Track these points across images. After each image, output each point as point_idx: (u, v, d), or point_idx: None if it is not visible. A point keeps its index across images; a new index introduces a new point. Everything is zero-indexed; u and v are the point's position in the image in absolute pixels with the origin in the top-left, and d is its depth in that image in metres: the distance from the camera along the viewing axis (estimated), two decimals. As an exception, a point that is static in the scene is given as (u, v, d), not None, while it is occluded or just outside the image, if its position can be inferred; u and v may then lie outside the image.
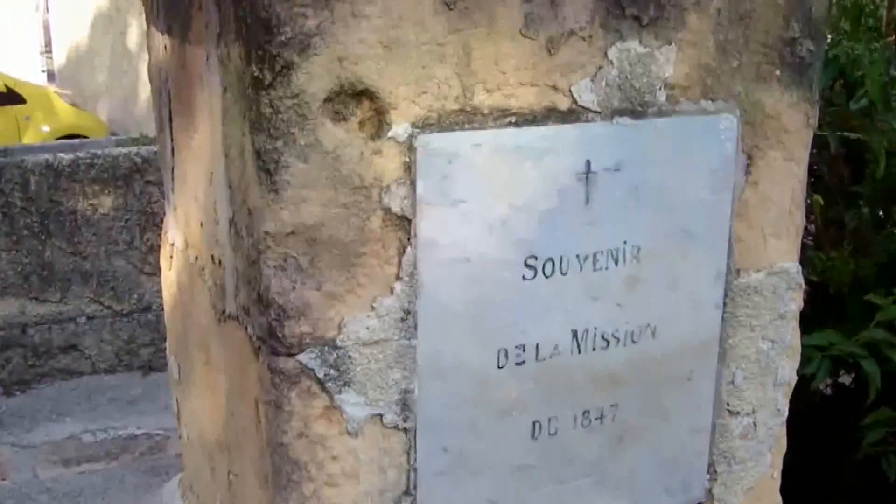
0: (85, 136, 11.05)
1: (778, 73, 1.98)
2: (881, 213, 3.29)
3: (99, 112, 14.14)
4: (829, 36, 3.55)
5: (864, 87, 3.17)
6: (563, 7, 1.73)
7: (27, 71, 17.44)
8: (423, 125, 1.69)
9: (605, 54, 1.79)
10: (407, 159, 1.69)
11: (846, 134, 3.03)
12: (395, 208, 1.71)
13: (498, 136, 1.74)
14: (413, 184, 1.71)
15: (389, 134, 1.67)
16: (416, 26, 1.64)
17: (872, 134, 2.92)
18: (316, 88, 1.61)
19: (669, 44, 1.85)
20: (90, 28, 14.94)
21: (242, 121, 1.69)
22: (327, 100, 1.62)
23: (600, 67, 1.79)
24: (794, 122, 2.03)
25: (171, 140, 2.30)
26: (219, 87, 1.80)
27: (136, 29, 12.91)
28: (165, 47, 2.23)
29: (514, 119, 1.75)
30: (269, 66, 1.58)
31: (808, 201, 3.32)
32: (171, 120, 2.28)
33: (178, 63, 2.11)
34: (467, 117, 1.72)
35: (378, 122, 1.67)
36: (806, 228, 3.34)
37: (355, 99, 1.65)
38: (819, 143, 3.08)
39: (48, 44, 17.52)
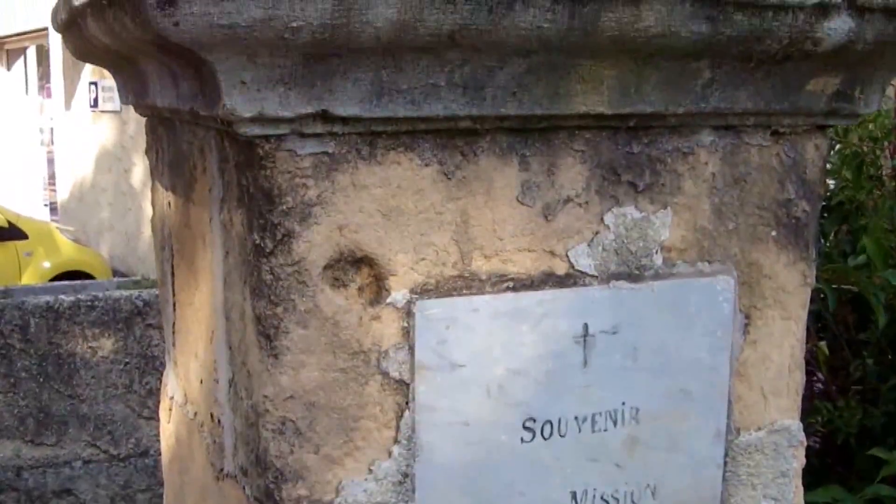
0: (86, 273, 11.12)
1: (774, 233, 2.01)
2: (891, 356, 3.30)
3: (101, 249, 14.24)
4: (832, 182, 3.62)
5: (867, 234, 3.21)
6: (560, 175, 1.77)
7: (30, 204, 17.61)
8: (422, 291, 1.71)
9: (602, 219, 1.82)
10: (405, 325, 1.71)
11: (846, 287, 3.05)
12: (394, 373, 1.72)
13: (496, 301, 1.75)
14: (411, 349, 1.72)
15: (388, 300, 1.69)
16: (415, 195, 1.67)
17: (871, 290, 2.94)
18: (316, 256, 1.63)
19: (665, 208, 1.87)
20: (94, 164, 15.14)
21: (243, 285, 1.71)
22: (327, 267, 1.65)
23: (597, 233, 1.82)
24: (792, 281, 2.05)
25: (173, 295, 2.32)
26: (221, 251, 1.82)
27: (140, 167, 13.07)
28: (169, 204, 2.27)
29: (511, 284, 1.77)
30: (271, 234, 1.61)
31: (814, 348, 3.33)
32: (173, 275, 2.30)
33: (181, 221, 2.14)
34: (465, 283, 1.74)
35: (377, 289, 1.69)
36: (814, 375, 3.35)
37: (355, 266, 1.67)
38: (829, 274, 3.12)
39: (52, 177, 17.72)
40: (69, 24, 1.91)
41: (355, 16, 1.43)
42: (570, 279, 1.81)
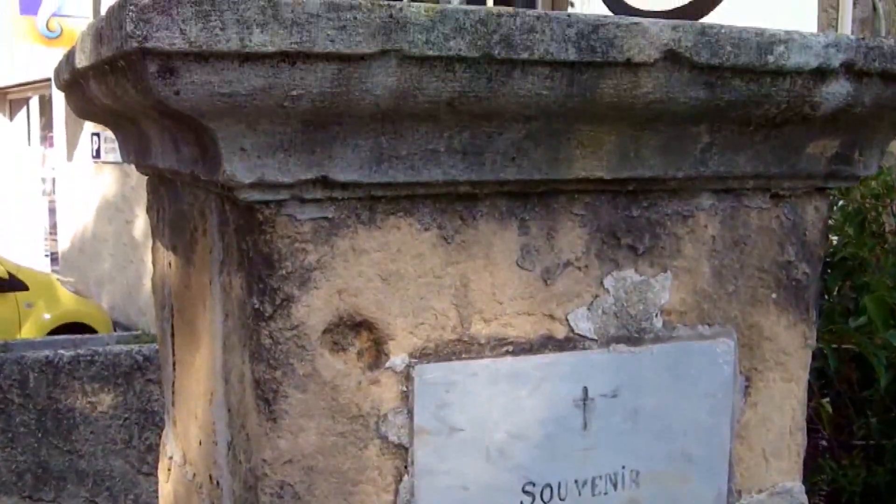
0: (87, 325, 11.10)
1: (774, 296, 2.01)
2: (894, 415, 3.29)
3: (102, 300, 14.22)
4: (835, 239, 3.62)
5: (870, 292, 3.21)
6: (559, 238, 1.77)
7: (31, 253, 17.61)
8: (421, 355, 1.70)
9: (602, 283, 1.82)
10: (404, 389, 1.70)
11: (847, 347, 3.05)
12: (393, 437, 1.71)
13: (495, 365, 1.75)
14: (410, 413, 1.71)
15: (387, 364, 1.69)
16: (414, 259, 1.68)
17: (872, 351, 2.94)
18: (315, 320, 1.63)
19: (665, 271, 1.88)
20: (96, 215, 15.15)
21: (242, 349, 1.70)
22: (326, 331, 1.64)
23: (596, 296, 1.82)
24: (793, 343, 2.05)
25: (173, 355, 2.31)
26: (220, 313, 1.82)
27: (141, 219, 13.09)
28: (170, 264, 2.27)
29: (511, 348, 1.76)
30: (270, 298, 1.61)
31: (818, 406, 3.32)
32: (173, 335, 2.30)
33: (182, 281, 2.14)
34: (465, 347, 1.73)
35: (376, 353, 1.69)
36: (818, 433, 3.33)
37: (354, 330, 1.67)
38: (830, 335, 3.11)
39: (53, 227, 17.74)
40: (71, 83, 1.92)
41: (355, 84, 1.44)
42: (570, 343, 1.81)
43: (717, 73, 1.66)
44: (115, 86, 1.59)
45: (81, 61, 1.70)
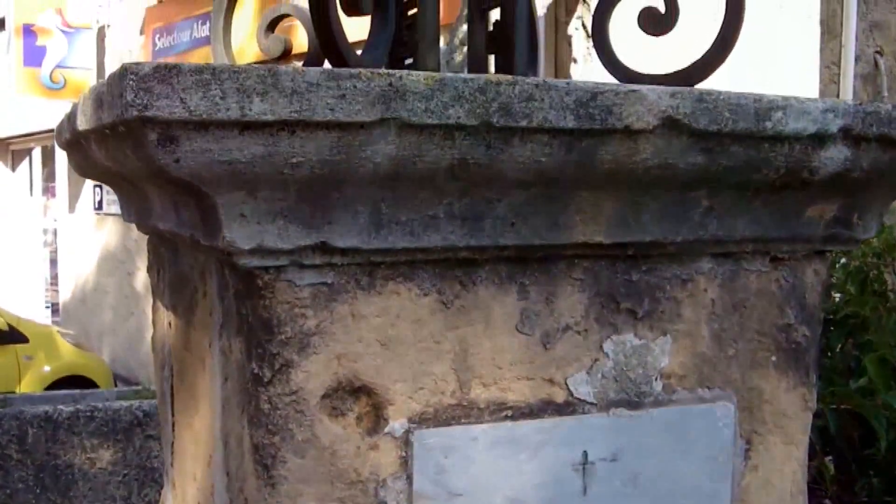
0: (87, 377, 11.06)
1: (774, 359, 2.00)
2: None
3: (103, 352, 14.20)
4: (838, 296, 3.62)
5: (872, 350, 3.21)
6: (559, 303, 1.77)
7: (31, 303, 17.60)
8: (420, 420, 1.70)
9: (601, 347, 1.82)
10: (403, 454, 1.69)
11: (848, 407, 3.04)
12: (392, 502, 1.70)
13: (494, 430, 1.74)
14: (409, 478, 1.70)
15: (386, 429, 1.68)
16: (413, 324, 1.67)
17: (873, 413, 2.93)
18: (314, 386, 1.63)
19: (664, 335, 1.87)
20: (97, 266, 15.17)
21: (241, 413, 1.70)
22: (325, 396, 1.64)
23: (596, 360, 1.82)
24: (793, 406, 2.04)
25: (172, 416, 2.30)
26: (220, 376, 1.82)
27: (143, 272, 13.09)
28: (170, 324, 2.26)
29: (510, 413, 1.76)
30: (269, 363, 1.61)
31: (820, 466, 3.30)
32: (172, 395, 2.29)
33: (182, 343, 2.14)
34: (464, 411, 1.73)
35: (375, 418, 1.68)
36: (821, 493, 3.31)
37: (353, 395, 1.66)
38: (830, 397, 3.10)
39: (55, 278, 17.75)
40: (72, 143, 1.93)
41: (354, 152, 1.45)
42: (569, 407, 1.81)
43: (715, 140, 1.67)
44: (115, 150, 1.60)
45: (82, 124, 1.71)
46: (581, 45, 6.73)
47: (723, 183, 1.75)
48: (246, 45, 7.97)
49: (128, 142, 1.48)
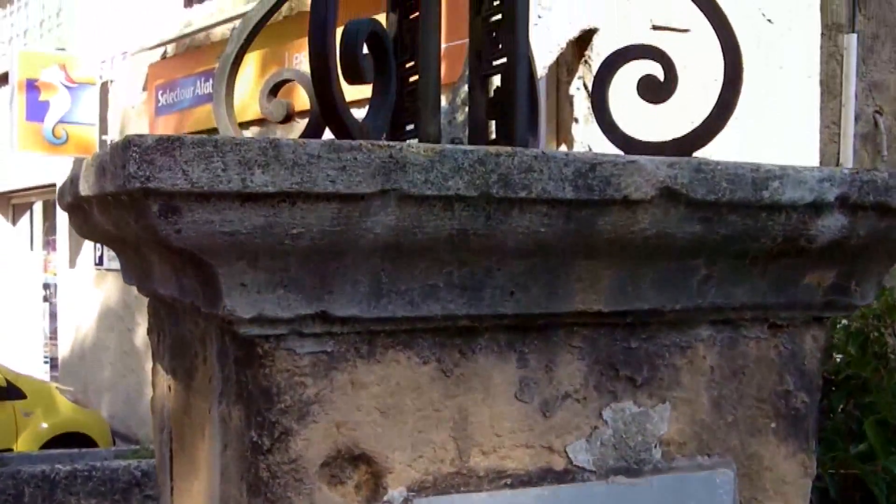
0: (85, 434, 11.02)
1: (774, 425, 2.00)
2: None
3: (101, 408, 14.14)
4: (839, 357, 3.63)
5: (874, 412, 3.21)
6: (558, 371, 1.77)
7: (30, 358, 17.57)
8: (419, 488, 1.69)
9: (600, 415, 1.82)
10: (402, 522, 1.69)
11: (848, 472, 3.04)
12: (391, 573, 1.69)
13: (493, 499, 1.74)
14: (409, 546, 1.69)
15: (385, 498, 1.67)
16: (413, 392, 1.68)
17: (873, 479, 2.92)
18: (314, 454, 1.62)
19: (664, 402, 1.87)
20: (97, 322, 15.16)
21: (240, 481, 1.69)
22: (324, 464, 1.64)
23: (595, 428, 1.82)
24: (792, 472, 2.04)
25: (171, 480, 2.29)
26: (219, 443, 1.81)
27: (143, 328, 13.07)
28: (170, 388, 2.26)
29: (509, 481, 1.75)
30: (269, 432, 1.61)
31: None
32: (171, 460, 2.28)
33: (181, 408, 2.14)
34: (463, 479, 1.72)
35: (374, 486, 1.68)
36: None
37: (352, 463, 1.66)
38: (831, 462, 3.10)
39: (54, 332, 17.72)
40: (74, 206, 1.94)
41: (355, 223, 1.46)
42: (569, 475, 1.80)
43: (713, 209, 1.68)
44: (117, 217, 1.61)
45: (85, 189, 1.72)
46: (582, 105, 6.78)
47: (721, 251, 1.76)
48: (248, 102, 8.02)
49: (130, 211, 1.49)
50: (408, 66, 2.07)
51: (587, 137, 6.73)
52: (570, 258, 1.66)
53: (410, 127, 2.07)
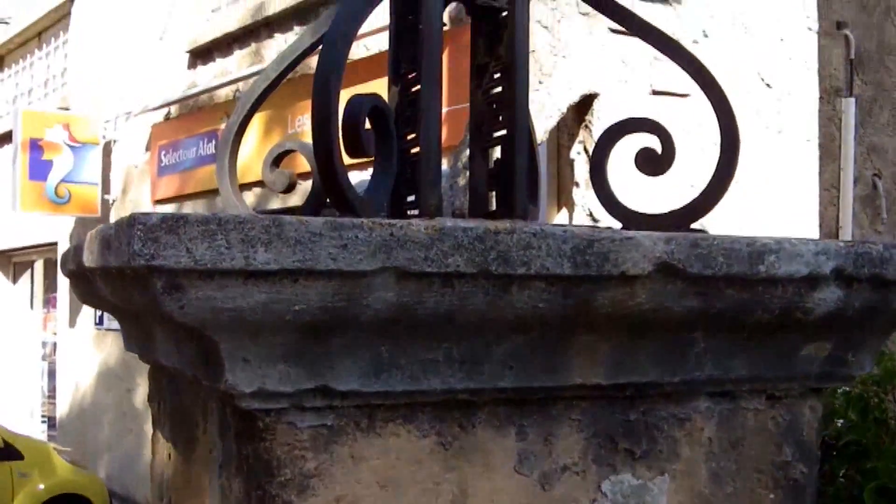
0: (83, 496, 10.93)
1: (772, 496, 2.00)
2: None
3: (99, 468, 14.05)
4: (840, 423, 3.62)
5: (875, 478, 3.20)
6: (557, 444, 1.78)
7: (27, 417, 17.49)
8: (419, 564, 1.70)
9: (599, 487, 1.82)
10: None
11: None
12: None
13: (493, 572, 1.74)
14: None
15: (385, 572, 1.68)
16: (412, 466, 1.68)
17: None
18: (313, 527, 1.63)
19: (663, 474, 1.88)
20: (96, 382, 15.09)
21: (239, 553, 1.70)
22: (324, 537, 1.64)
23: (594, 500, 1.82)
24: (792, 543, 2.04)
25: (170, 550, 2.29)
26: (219, 515, 1.82)
27: (142, 388, 13.04)
28: (170, 456, 2.26)
29: (509, 556, 1.76)
30: (269, 505, 1.61)
31: None
32: (171, 530, 2.28)
33: (181, 476, 2.14)
34: (463, 553, 1.73)
35: (374, 561, 1.68)
36: None
37: (352, 536, 1.66)
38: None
39: (52, 391, 17.64)
40: (78, 275, 1.96)
41: (355, 299, 1.48)
42: (568, 554, 1.80)
43: (709, 284, 1.70)
44: (121, 290, 1.63)
45: (89, 261, 1.74)
46: (583, 170, 6.81)
47: (718, 325, 1.78)
48: (249, 164, 8.07)
49: (134, 286, 1.51)
50: (409, 137, 2.09)
51: (588, 201, 6.75)
52: (568, 332, 1.67)
53: (412, 198, 2.09)
